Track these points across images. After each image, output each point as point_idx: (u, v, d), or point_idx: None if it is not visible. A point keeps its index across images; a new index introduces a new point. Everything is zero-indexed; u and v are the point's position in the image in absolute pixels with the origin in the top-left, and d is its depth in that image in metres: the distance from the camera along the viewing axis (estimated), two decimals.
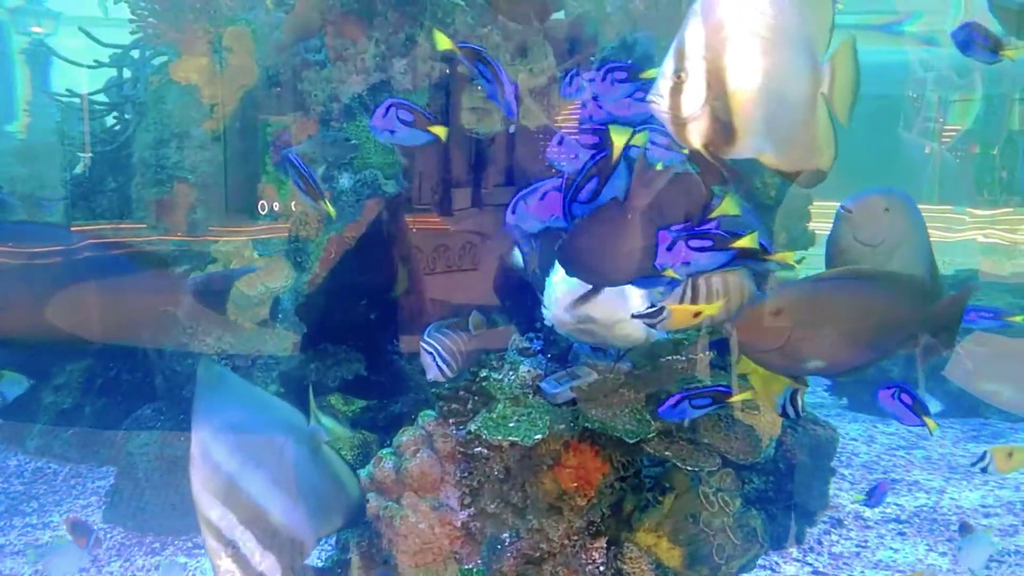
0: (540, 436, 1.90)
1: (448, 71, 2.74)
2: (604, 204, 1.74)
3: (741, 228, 1.77)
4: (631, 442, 1.95)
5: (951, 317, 1.98)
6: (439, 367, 1.98)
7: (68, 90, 3.11)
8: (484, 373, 2.08)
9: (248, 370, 2.55)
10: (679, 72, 1.40)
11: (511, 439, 1.90)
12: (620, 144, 1.69)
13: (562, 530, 1.93)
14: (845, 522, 2.68)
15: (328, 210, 2.13)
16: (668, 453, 2.01)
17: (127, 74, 3.04)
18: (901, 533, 2.61)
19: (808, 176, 1.58)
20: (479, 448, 1.96)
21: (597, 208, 1.74)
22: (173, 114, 2.67)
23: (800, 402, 2.07)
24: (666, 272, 1.73)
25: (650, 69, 1.85)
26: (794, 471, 2.52)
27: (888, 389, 1.97)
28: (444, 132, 1.91)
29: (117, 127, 3.02)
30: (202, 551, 2.44)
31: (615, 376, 2.05)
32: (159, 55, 2.81)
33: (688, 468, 2.01)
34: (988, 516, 2.73)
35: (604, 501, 2.00)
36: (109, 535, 2.56)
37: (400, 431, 2.13)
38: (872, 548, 2.53)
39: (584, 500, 1.96)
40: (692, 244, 1.70)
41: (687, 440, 2.06)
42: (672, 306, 1.80)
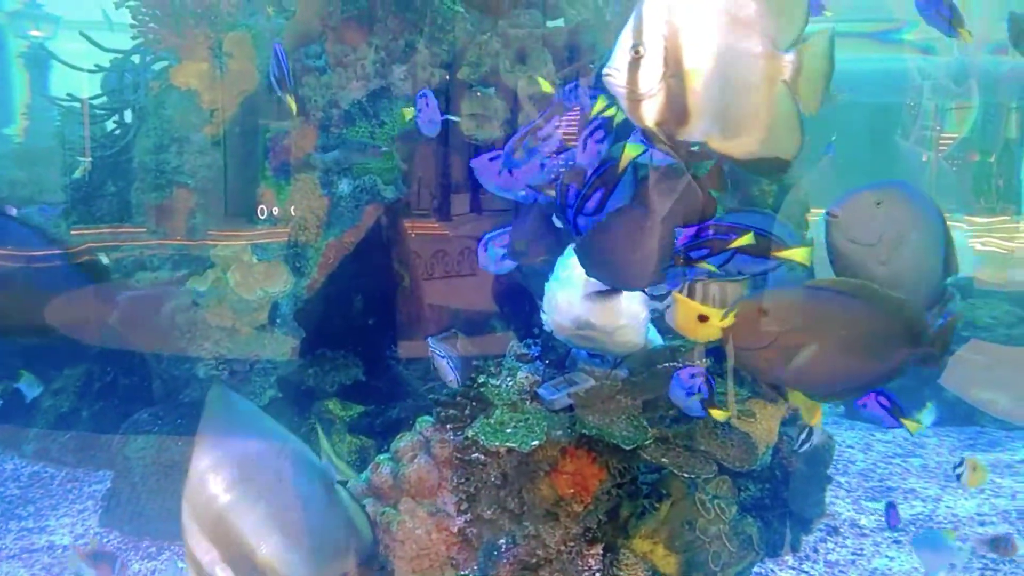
0: (537, 442, 1.91)
1: (447, 77, 2.75)
2: (627, 208, 1.74)
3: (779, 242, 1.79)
4: (628, 449, 1.95)
5: (938, 346, 1.96)
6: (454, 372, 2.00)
7: (68, 94, 3.11)
8: (482, 379, 2.09)
9: (246, 375, 2.55)
10: (637, 47, 1.38)
11: (508, 445, 1.91)
12: (629, 156, 1.70)
13: (559, 536, 1.94)
14: (841, 530, 2.68)
15: (291, 105, 2.19)
16: (665, 460, 2.01)
17: (127, 78, 3.04)
18: (897, 541, 2.61)
19: (766, 165, 1.54)
20: (476, 454, 1.97)
21: (620, 211, 1.74)
22: (173, 119, 2.68)
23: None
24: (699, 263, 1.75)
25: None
26: (790, 478, 2.52)
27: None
28: None
29: (117, 132, 3.03)
30: None
31: (612, 383, 2.06)
32: (160, 60, 2.81)
33: (684, 475, 2.02)
34: (983, 524, 2.73)
35: (600, 507, 2.00)
36: (106, 539, 2.56)
37: (398, 437, 2.13)
38: (868, 556, 2.53)
39: (581, 506, 1.96)
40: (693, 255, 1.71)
41: (684, 447, 2.07)
42: (679, 297, 1.80)
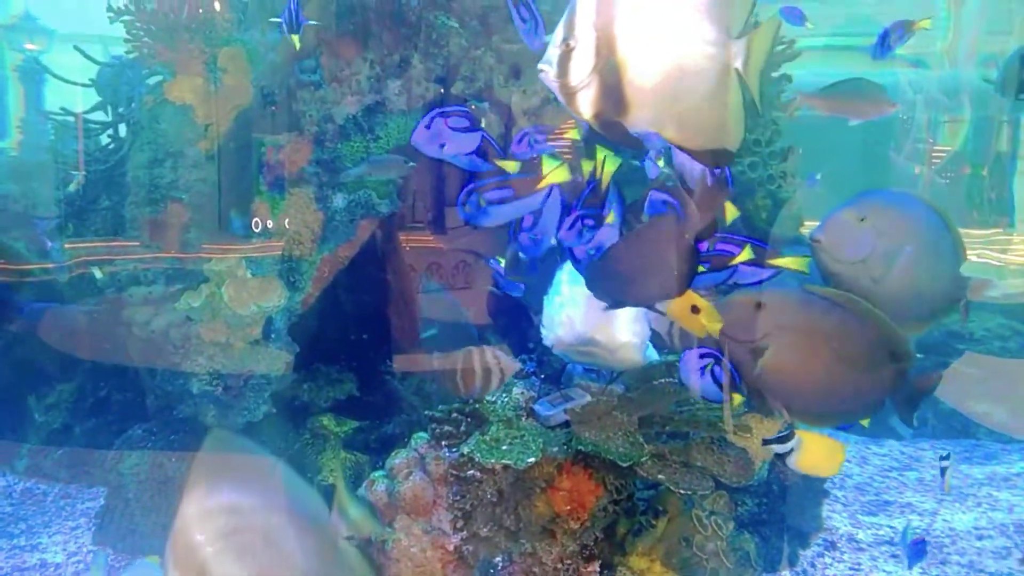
0: (533, 459, 1.90)
1: (442, 92, 2.76)
2: (644, 227, 1.74)
3: None
4: (624, 465, 1.95)
5: (916, 395, 1.95)
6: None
7: (63, 108, 3.11)
8: None
9: (240, 390, 2.54)
10: (567, 40, 1.39)
11: (504, 462, 1.90)
12: (609, 172, 1.70)
13: (555, 554, 1.93)
14: (838, 544, 2.68)
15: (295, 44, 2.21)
16: (661, 476, 2.01)
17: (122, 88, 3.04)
18: (894, 556, 2.61)
19: (712, 156, 1.54)
20: (472, 471, 1.96)
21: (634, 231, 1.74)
22: (168, 133, 2.67)
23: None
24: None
25: None
26: (787, 493, 2.51)
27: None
28: None
29: (111, 146, 3.02)
30: None
31: (608, 398, 2.06)
32: (154, 75, 2.81)
33: (681, 491, 2.01)
34: (981, 539, 2.73)
35: (597, 524, 1.99)
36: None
37: (393, 453, 2.12)
38: (866, 571, 2.52)
39: (577, 523, 1.95)
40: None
41: (680, 463, 2.06)
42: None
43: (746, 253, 1.85)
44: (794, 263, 1.96)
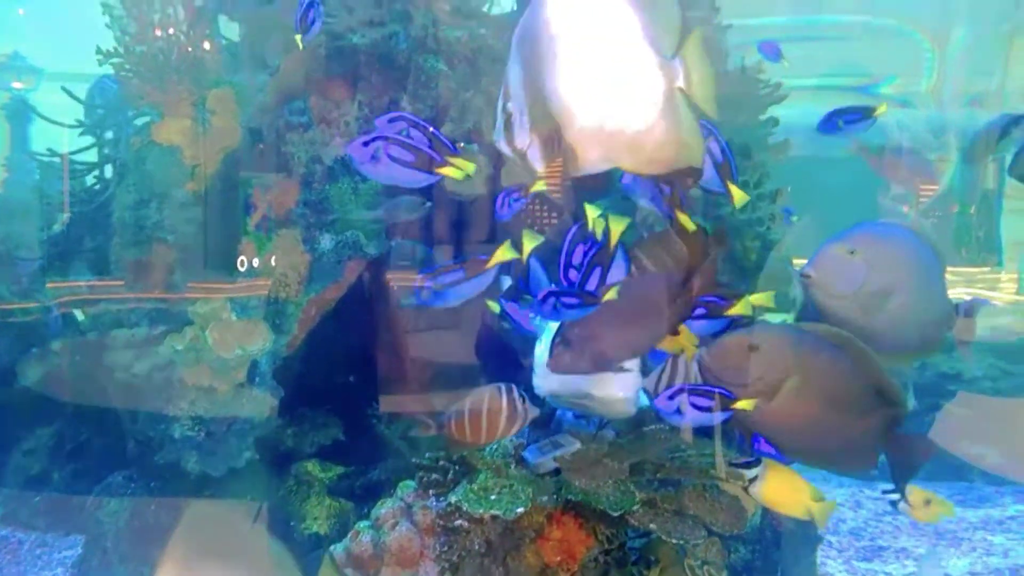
0: (522, 509, 1.86)
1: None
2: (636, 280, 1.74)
3: None
4: (615, 514, 1.91)
5: (911, 459, 1.92)
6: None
7: (49, 149, 3.09)
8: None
9: (223, 436, 2.49)
10: (505, 107, 1.41)
11: (493, 512, 1.86)
12: (617, 231, 1.70)
13: None
14: None
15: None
16: (653, 525, 1.96)
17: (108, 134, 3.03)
18: None
19: (679, 176, 1.54)
20: (460, 521, 1.91)
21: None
22: (154, 175, 2.65)
23: None
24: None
25: None
26: (781, 540, 2.47)
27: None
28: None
29: (97, 187, 3.00)
30: None
31: (599, 446, 2.02)
32: (142, 115, 2.80)
33: (674, 540, 1.97)
34: None
35: (588, 575, 1.95)
36: None
37: (379, 503, 2.07)
38: None
39: (567, 574, 1.91)
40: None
41: (672, 511, 2.02)
42: None
43: (742, 306, 1.84)
44: (759, 299, 1.94)
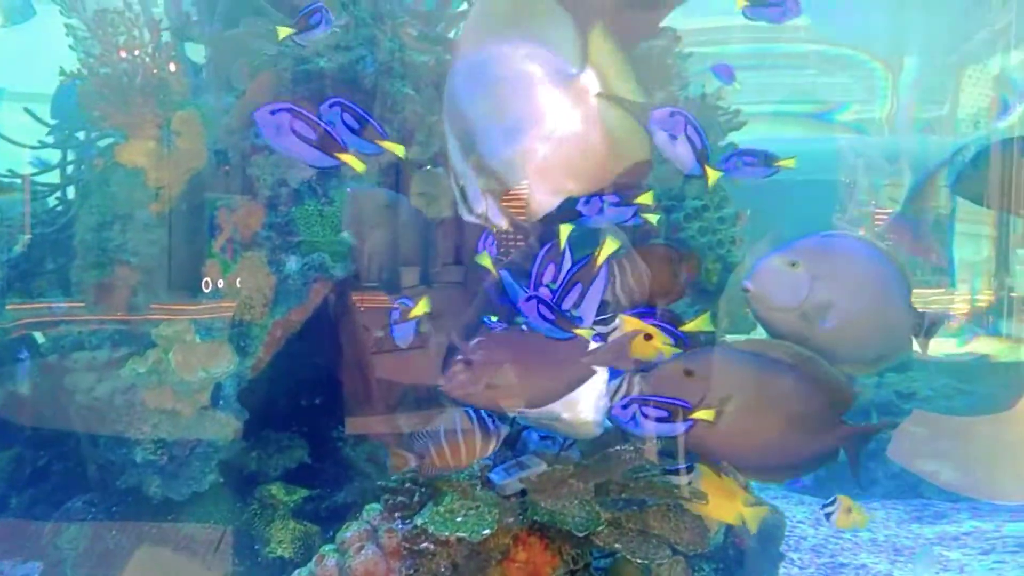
0: (488, 531, 1.87)
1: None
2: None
3: None
4: (581, 535, 1.92)
5: (855, 446, 1.95)
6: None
7: (9, 170, 3.05)
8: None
9: (186, 459, 2.47)
10: (457, 181, 1.46)
11: (459, 534, 1.86)
12: (608, 251, 1.72)
13: None
14: None
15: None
16: (618, 545, 1.98)
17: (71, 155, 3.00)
18: None
19: (631, 176, 1.58)
20: (426, 543, 1.92)
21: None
22: (117, 197, 2.64)
23: None
24: None
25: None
26: (744, 558, 2.51)
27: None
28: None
29: (59, 208, 2.97)
30: None
31: (564, 466, 2.04)
32: (105, 137, 2.78)
33: (639, 560, 1.99)
34: None
35: None
36: None
37: (344, 526, 2.07)
38: None
39: None
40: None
41: (637, 531, 2.04)
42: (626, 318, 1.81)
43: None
44: (696, 324, 1.98)
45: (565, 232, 1.80)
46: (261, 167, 2.64)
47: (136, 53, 2.69)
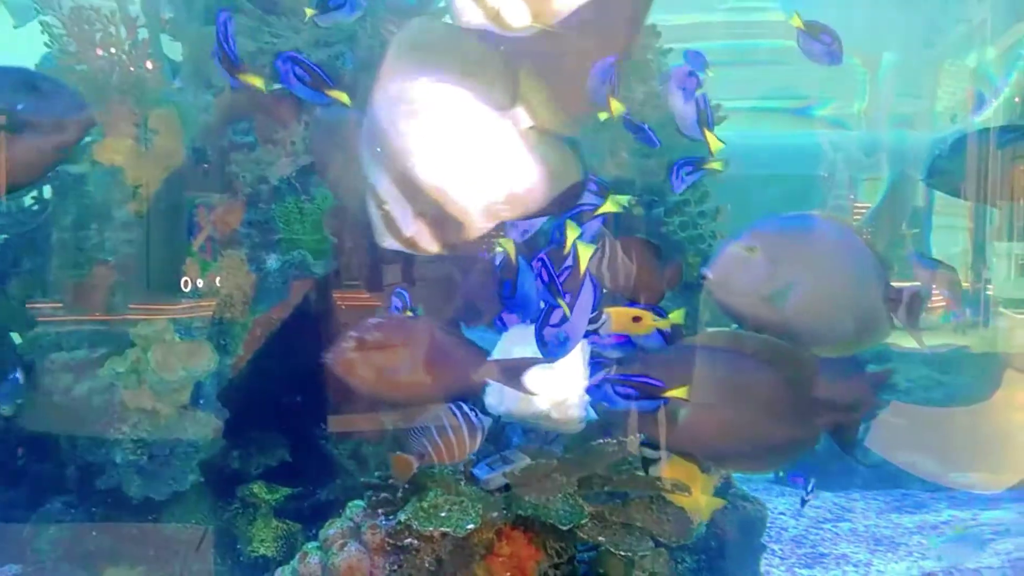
0: (473, 526, 1.87)
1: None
2: None
3: None
4: (565, 528, 1.93)
5: (860, 399, 1.96)
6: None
7: None
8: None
9: (167, 459, 2.45)
10: (379, 204, 1.47)
11: (443, 529, 1.86)
12: (586, 256, 1.73)
13: None
14: None
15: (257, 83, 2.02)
16: (601, 538, 1.99)
17: None
18: None
19: (562, 202, 1.61)
20: (410, 539, 1.91)
21: None
22: (95, 195, 2.61)
23: None
24: None
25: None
26: (726, 549, 2.52)
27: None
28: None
29: (35, 207, 2.93)
30: None
31: (547, 460, 2.04)
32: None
33: (622, 553, 2.00)
34: None
35: None
36: None
37: (327, 523, 2.06)
38: None
39: None
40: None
41: (620, 524, 2.05)
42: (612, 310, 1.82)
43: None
44: (673, 318, 1.99)
45: (584, 254, 1.79)
46: (240, 164, 2.63)
47: (113, 50, 2.66)
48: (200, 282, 2.60)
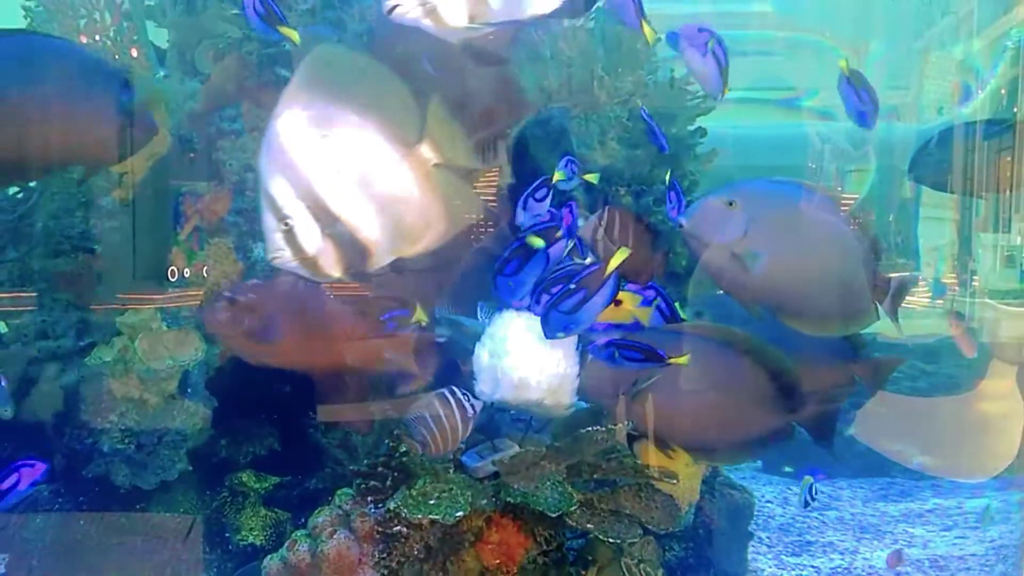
0: (461, 513, 1.87)
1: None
2: None
3: None
4: (554, 515, 1.93)
5: (825, 424, 1.97)
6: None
7: None
8: (404, 448, 2.05)
9: (154, 448, 2.44)
10: (285, 220, 1.46)
11: (432, 517, 1.87)
12: (615, 264, 1.73)
13: None
14: None
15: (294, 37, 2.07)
16: (590, 525, 2.00)
17: None
18: None
19: (445, 258, 1.65)
20: (399, 527, 1.91)
21: None
22: (79, 184, 2.59)
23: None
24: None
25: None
26: (713, 537, 2.54)
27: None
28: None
29: (20, 195, 2.91)
30: None
31: (536, 448, 2.05)
32: None
33: (610, 540, 2.01)
34: None
35: None
36: None
37: (316, 511, 2.06)
38: None
39: None
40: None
41: (609, 511, 2.06)
42: None
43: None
44: (643, 311, 2.00)
45: (618, 258, 1.77)
46: (227, 152, 2.61)
47: (97, 37, 2.63)
48: (187, 271, 2.58)
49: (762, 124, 4.66)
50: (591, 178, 2.18)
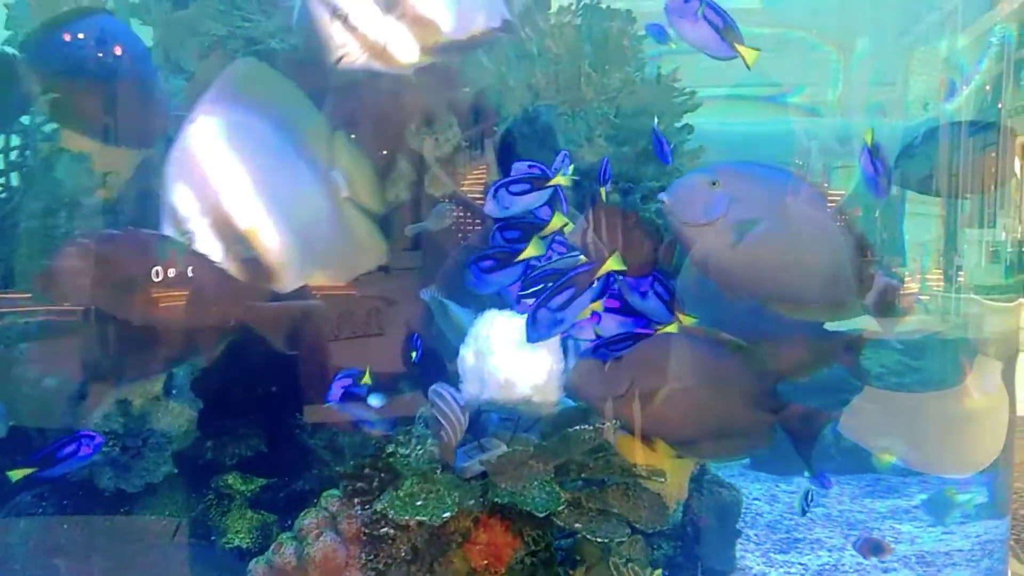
0: (449, 514, 1.87)
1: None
2: None
3: None
4: (541, 515, 1.93)
5: (808, 431, 1.98)
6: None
7: None
8: (391, 448, 2.04)
9: (139, 450, 2.42)
10: (186, 235, 1.45)
11: (419, 518, 1.86)
12: (608, 267, 1.73)
13: None
14: None
15: None
16: (578, 525, 2.00)
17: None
18: None
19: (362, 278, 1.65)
20: (386, 528, 1.91)
21: None
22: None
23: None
24: None
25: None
26: (701, 535, 2.54)
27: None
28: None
29: (3, 195, 2.88)
30: None
31: (524, 448, 2.04)
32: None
33: (599, 539, 2.00)
34: (887, 572, 2.81)
35: None
36: None
37: (303, 513, 2.05)
38: None
39: None
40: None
41: (596, 510, 2.06)
42: None
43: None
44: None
45: (610, 265, 1.76)
46: None
47: (80, 35, 2.60)
48: (172, 271, 2.56)
49: (749, 120, 4.66)
50: (563, 180, 2.15)
